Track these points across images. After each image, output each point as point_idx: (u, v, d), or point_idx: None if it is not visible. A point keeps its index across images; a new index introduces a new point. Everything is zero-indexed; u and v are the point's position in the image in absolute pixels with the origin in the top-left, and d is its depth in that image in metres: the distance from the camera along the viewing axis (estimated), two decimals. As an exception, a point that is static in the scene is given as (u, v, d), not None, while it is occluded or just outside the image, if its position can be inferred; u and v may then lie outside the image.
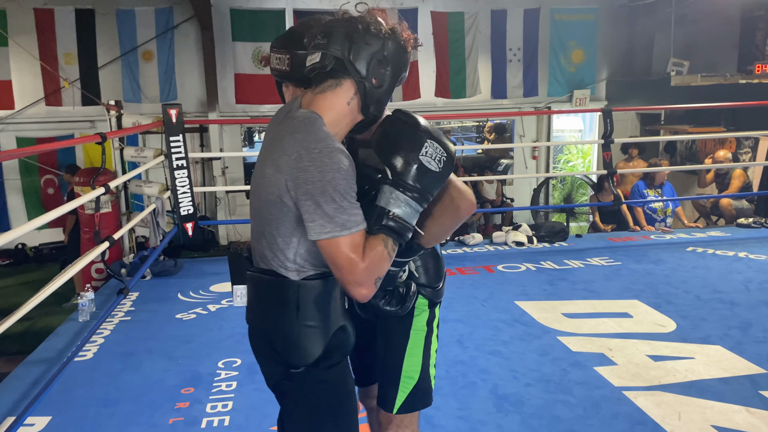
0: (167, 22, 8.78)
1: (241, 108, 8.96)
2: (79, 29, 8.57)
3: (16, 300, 6.46)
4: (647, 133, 9.71)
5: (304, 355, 1.49)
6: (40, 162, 8.70)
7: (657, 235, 6.00)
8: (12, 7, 8.35)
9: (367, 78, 1.43)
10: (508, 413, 2.71)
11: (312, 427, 1.56)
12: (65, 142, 6.43)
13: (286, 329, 1.49)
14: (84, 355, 3.45)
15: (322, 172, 1.32)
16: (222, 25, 8.85)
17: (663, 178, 6.36)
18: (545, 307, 4.07)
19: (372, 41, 1.43)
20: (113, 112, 5.44)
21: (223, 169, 9.12)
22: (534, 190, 9.91)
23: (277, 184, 1.38)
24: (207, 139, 9.09)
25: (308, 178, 1.33)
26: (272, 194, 1.40)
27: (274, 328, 1.51)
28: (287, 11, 8.94)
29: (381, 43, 1.45)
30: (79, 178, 5.63)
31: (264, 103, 8.87)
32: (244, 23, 8.87)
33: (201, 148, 9.04)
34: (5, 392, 3.01)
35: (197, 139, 9.04)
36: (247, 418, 2.72)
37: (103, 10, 8.61)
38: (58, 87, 8.58)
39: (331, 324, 1.51)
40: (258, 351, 1.60)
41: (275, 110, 1.65)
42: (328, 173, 1.32)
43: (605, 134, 5.94)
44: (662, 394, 2.85)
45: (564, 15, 9.83)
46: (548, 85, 9.98)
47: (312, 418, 1.55)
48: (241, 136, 9.56)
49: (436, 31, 9.43)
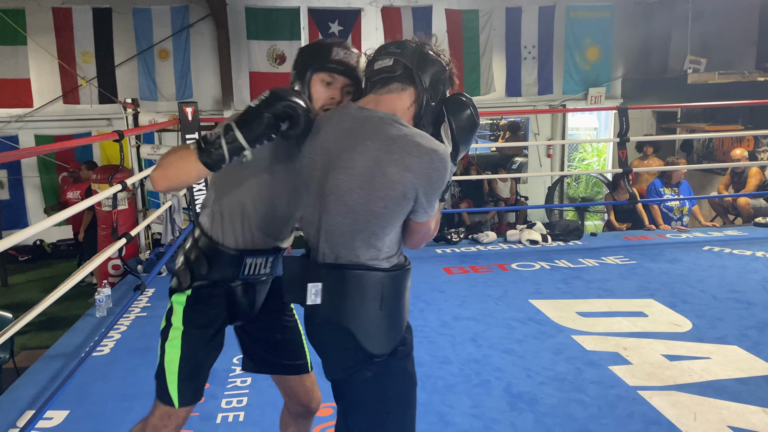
0: (183, 20, 8.84)
1: (255, 106, 8.97)
2: (96, 28, 8.66)
3: (35, 295, 6.57)
4: (663, 131, 9.63)
5: (386, 344, 1.58)
6: (58, 159, 8.80)
7: (673, 234, 5.96)
8: (31, 7, 8.46)
9: (427, 91, 1.57)
10: (522, 412, 2.70)
11: (382, 415, 1.62)
12: (83, 140, 6.51)
13: (371, 319, 1.55)
14: (101, 350, 3.49)
15: (448, 171, 1.52)
16: (237, 24, 8.90)
17: (680, 177, 6.30)
18: (559, 305, 4.05)
19: (436, 62, 1.59)
20: (130, 110, 5.50)
21: (240, 166, 9.16)
22: (548, 188, 9.86)
23: (403, 182, 1.47)
24: (222, 136, 9.13)
25: (439, 176, 1.50)
26: (395, 191, 1.48)
27: (358, 319, 1.55)
28: (302, 9, 8.97)
29: (442, 66, 1.60)
30: (96, 176, 5.70)
31: (278, 101, 8.87)
32: (258, 21, 8.91)
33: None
34: (25, 386, 3.06)
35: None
36: (261, 413, 2.74)
37: (120, 9, 8.70)
38: (76, 85, 8.68)
39: (405, 314, 1.63)
40: (327, 343, 1.63)
41: None
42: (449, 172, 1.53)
43: (621, 132, 5.89)
44: (678, 394, 2.83)
45: (579, 12, 9.77)
46: (563, 83, 9.93)
47: (382, 405, 1.61)
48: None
49: (450, 29, 9.41)
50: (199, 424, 2.66)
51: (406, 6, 9.26)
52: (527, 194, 9.95)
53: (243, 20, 8.91)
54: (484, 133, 15.33)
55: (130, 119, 5.53)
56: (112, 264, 5.38)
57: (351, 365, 1.59)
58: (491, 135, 14.48)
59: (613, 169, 8.82)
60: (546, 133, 10.28)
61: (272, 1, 8.98)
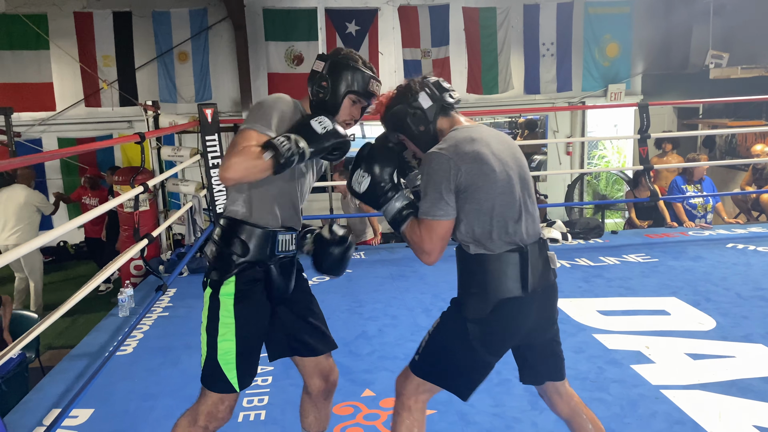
0: (202, 23, 8.93)
1: (274, 107, 9.03)
2: (116, 32, 8.79)
3: (59, 296, 6.68)
4: (685, 127, 9.51)
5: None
6: (81, 162, 8.93)
7: (695, 232, 5.88)
8: (53, 12, 8.61)
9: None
10: (543, 411, 2.69)
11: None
12: (105, 142, 6.62)
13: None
14: (124, 349, 3.54)
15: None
16: (255, 25, 8.96)
17: (702, 174, 6.21)
18: (580, 304, 4.02)
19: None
20: (150, 112, 5.55)
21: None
22: (568, 186, 9.78)
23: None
24: (241, 138, 9.20)
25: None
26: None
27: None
28: (319, 10, 9.01)
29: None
30: (118, 177, 5.77)
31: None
32: (276, 23, 8.96)
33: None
34: (51, 385, 3.11)
35: (231, 138, 9.15)
36: (282, 412, 2.76)
37: (139, 13, 8.81)
38: (97, 88, 8.81)
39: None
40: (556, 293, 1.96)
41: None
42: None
43: (641, 129, 5.83)
44: (702, 393, 2.79)
45: (598, 8, 9.68)
46: (582, 80, 9.86)
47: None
48: (273, 135, 9.64)
49: (467, 27, 9.39)
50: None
51: (423, 5, 9.25)
52: (546, 192, 9.88)
53: (261, 22, 8.97)
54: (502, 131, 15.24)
55: (151, 121, 5.58)
56: (134, 264, 5.44)
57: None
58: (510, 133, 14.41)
59: (633, 167, 8.73)
60: (565, 130, 10.21)
61: (290, 2, 9.03)
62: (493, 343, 1.87)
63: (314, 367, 2.15)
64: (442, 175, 1.79)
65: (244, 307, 1.91)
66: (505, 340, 1.89)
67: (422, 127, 1.94)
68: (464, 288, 1.90)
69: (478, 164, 1.80)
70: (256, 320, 1.96)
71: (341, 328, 3.70)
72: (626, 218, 7.21)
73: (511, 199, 1.84)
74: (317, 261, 2.12)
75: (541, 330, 1.95)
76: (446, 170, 1.78)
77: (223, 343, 1.90)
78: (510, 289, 1.82)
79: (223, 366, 1.90)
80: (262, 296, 1.96)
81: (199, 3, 8.91)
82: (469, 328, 1.84)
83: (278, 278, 2.00)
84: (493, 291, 1.82)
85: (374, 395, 2.89)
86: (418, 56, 9.26)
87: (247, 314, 1.92)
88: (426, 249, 1.81)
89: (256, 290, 1.94)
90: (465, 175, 1.78)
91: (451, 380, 1.91)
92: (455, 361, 1.89)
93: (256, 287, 1.94)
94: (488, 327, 1.84)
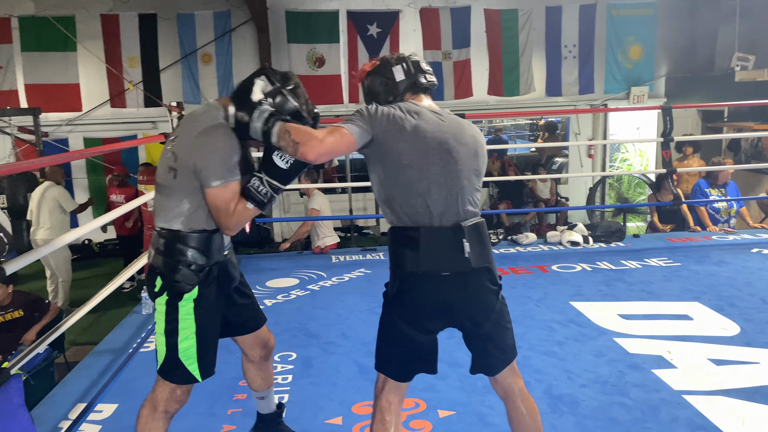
0: (225, 25, 9.03)
1: (295, 109, 9.10)
2: (142, 33, 8.93)
3: (84, 293, 6.78)
4: (709, 130, 9.39)
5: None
6: (106, 161, 9.07)
7: (719, 236, 5.80)
8: (80, 14, 8.77)
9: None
10: (562, 414, 2.68)
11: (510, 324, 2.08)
12: (131, 142, 6.71)
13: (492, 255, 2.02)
14: (147, 346, 3.59)
15: None
16: (278, 28, 9.04)
17: (726, 177, 6.12)
18: (601, 307, 3.99)
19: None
20: (175, 113, 5.62)
21: (278, 168, 9.30)
22: (590, 189, 9.71)
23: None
24: (262, 138, 9.29)
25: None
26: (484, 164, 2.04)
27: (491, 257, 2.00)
28: (341, 12, 9.06)
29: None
30: (142, 177, 5.85)
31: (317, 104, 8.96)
32: (299, 25, 9.03)
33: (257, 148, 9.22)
34: (76, 380, 3.17)
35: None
36: (302, 410, 2.78)
37: (164, 15, 8.93)
38: (123, 89, 8.95)
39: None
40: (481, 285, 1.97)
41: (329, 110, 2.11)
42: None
43: (665, 132, 5.77)
44: (725, 399, 2.76)
45: (621, 10, 9.60)
46: (604, 82, 9.78)
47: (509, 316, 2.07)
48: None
49: (489, 29, 9.37)
50: (242, 420, 2.72)
51: (444, 7, 9.25)
52: (568, 195, 9.83)
53: (283, 24, 9.04)
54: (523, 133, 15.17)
55: (175, 122, 5.65)
56: (157, 263, 5.51)
57: (496, 299, 2.00)
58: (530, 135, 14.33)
59: (656, 170, 8.63)
60: (587, 133, 10.14)
61: (312, 4, 9.09)
62: (406, 313, 1.94)
63: (254, 339, 2.32)
64: (364, 118, 1.91)
65: (203, 308, 2.03)
66: (417, 312, 1.94)
67: (390, 98, 2.06)
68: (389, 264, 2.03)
69: (399, 130, 1.90)
70: (213, 317, 2.09)
71: (360, 328, 3.72)
72: (648, 222, 7.14)
73: (420, 175, 1.90)
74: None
75: (471, 321, 1.98)
76: (368, 116, 1.91)
77: (184, 343, 2.02)
78: (408, 265, 1.91)
79: (184, 361, 2.03)
80: (215, 293, 2.08)
81: (223, 5, 9.01)
82: (386, 301, 2.01)
83: (230, 271, 2.16)
84: (397, 266, 1.95)
85: (393, 395, 2.90)
86: (439, 58, 9.27)
87: (205, 314, 2.04)
88: (318, 136, 1.85)
89: (212, 289, 2.06)
90: (381, 130, 1.89)
91: (388, 360, 2.00)
92: (389, 342, 1.99)
93: (212, 287, 2.06)
94: (397, 298, 1.95)
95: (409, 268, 1.91)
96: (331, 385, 3.02)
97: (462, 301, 1.95)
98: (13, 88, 8.86)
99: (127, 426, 2.73)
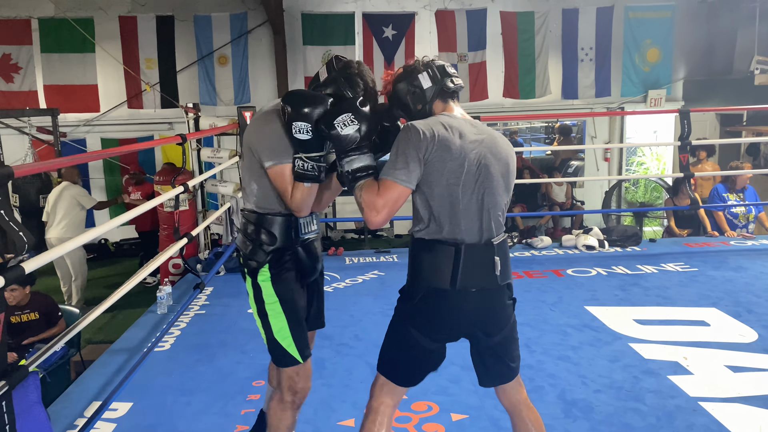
0: (241, 27, 9.07)
1: (309, 110, 9.12)
2: (159, 35, 8.99)
3: (100, 292, 6.86)
4: (727, 134, 9.28)
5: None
6: (123, 162, 9.16)
7: (737, 241, 5.73)
8: (99, 16, 8.86)
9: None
10: (576, 419, 2.66)
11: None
12: (148, 143, 6.76)
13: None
14: (162, 345, 3.62)
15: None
16: (293, 30, 9.07)
17: (745, 182, 6.05)
18: (616, 312, 3.96)
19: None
20: (191, 114, 5.67)
21: (292, 169, 9.33)
22: (606, 192, 9.64)
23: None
24: (277, 140, 9.32)
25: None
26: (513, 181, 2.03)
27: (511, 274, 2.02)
28: (356, 15, 9.07)
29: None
30: (159, 177, 5.89)
31: (332, 105, 9.02)
32: (314, 27, 9.06)
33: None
34: (91, 378, 3.20)
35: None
36: (315, 412, 2.79)
37: (181, 17, 9.00)
38: (140, 90, 9.03)
39: None
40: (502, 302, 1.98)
41: None
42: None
43: (682, 136, 5.71)
44: (742, 406, 2.73)
45: (639, 13, 9.53)
46: (621, 85, 9.70)
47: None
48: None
49: (505, 31, 9.34)
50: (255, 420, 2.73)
51: (460, 9, 9.24)
52: (583, 198, 9.76)
53: (299, 26, 9.07)
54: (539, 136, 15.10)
55: (191, 123, 5.70)
56: (173, 263, 5.56)
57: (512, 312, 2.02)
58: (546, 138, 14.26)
59: (673, 174, 8.55)
60: (603, 136, 10.06)
61: (328, 6, 9.12)
62: (423, 324, 1.92)
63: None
64: (414, 146, 1.84)
65: (282, 287, 2.10)
66: (436, 325, 1.92)
67: (419, 106, 2.01)
68: (408, 272, 1.99)
69: (441, 150, 1.85)
70: (298, 298, 2.14)
71: (373, 330, 3.72)
72: (665, 226, 7.07)
73: (458, 193, 1.87)
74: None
75: (485, 332, 1.97)
76: (418, 142, 1.84)
77: (275, 321, 2.09)
78: (438, 280, 1.88)
79: (281, 342, 2.09)
80: (296, 277, 2.14)
81: (240, 7, 9.06)
82: (402, 308, 1.97)
83: (306, 259, 2.17)
84: (423, 278, 1.90)
85: (406, 398, 2.89)
86: (455, 60, 9.24)
87: (285, 291, 2.10)
88: (378, 206, 1.83)
89: (288, 272, 2.11)
90: (431, 154, 1.84)
91: (394, 365, 1.99)
92: (398, 347, 1.98)
93: (287, 270, 2.11)
94: (417, 309, 1.92)
95: (438, 284, 1.88)
96: (343, 387, 3.02)
97: (483, 317, 1.95)
98: (33, 88, 8.96)
99: (141, 424, 2.75)
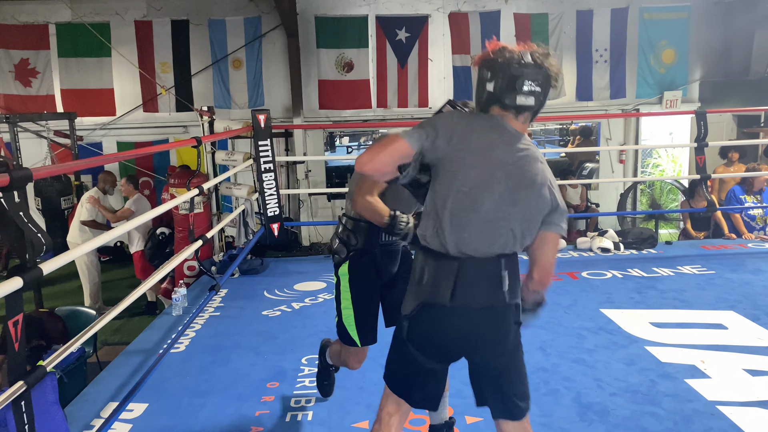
0: (255, 30, 9.13)
1: (324, 113, 9.18)
2: (174, 39, 9.08)
3: (117, 294, 6.91)
4: (745, 135, 9.18)
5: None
6: (138, 165, 9.24)
7: (755, 244, 5.67)
8: (115, 20, 8.96)
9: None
10: (592, 422, 2.64)
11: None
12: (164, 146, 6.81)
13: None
14: (177, 347, 3.64)
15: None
16: (307, 33, 9.10)
17: (762, 184, 5.98)
18: (632, 315, 3.93)
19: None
20: (206, 117, 5.70)
21: (306, 172, 9.37)
22: (621, 194, 9.56)
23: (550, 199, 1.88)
24: (291, 143, 9.37)
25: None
26: (546, 205, 1.87)
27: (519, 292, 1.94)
28: (370, 17, 9.09)
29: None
30: (174, 180, 5.93)
31: (345, 108, 9.08)
32: (328, 30, 9.08)
33: (286, 153, 9.33)
34: (108, 379, 3.23)
35: (282, 144, 9.34)
36: (329, 413, 2.79)
37: (196, 21, 9.08)
38: (155, 94, 9.10)
39: None
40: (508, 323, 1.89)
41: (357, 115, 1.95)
42: None
43: (698, 137, 5.66)
44: (761, 410, 2.69)
45: (654, 14, 9.45)
46: (636, 87, 9.63)
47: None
48: (323, 141, 9.79)
49: (518, 33, 9.30)
50: (270, 421, 2.74)
51: (473, 11, 9.22)
52: (598, 201, 9.68)
53: (313, 29, 9.11)
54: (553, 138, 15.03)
55: (206, 126, 5.73)
56: (188, 265, 5.59)
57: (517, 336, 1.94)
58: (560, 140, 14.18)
59: (689, 176, 8.47)
60: (618, 138, 9.99)
61: (341, 10, 9.14)
62: (420, 341, 1.86)
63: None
64: (441, 124, 1.79)
65: (357, 284, 2.45)
66: (432, 342, 1.86)
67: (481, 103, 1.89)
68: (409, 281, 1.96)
69: (462, 150, 1.77)
70: (369, 295, 2.48)
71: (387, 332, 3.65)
72: (681, 229, 7.00)
73: (469, 203, 1.77)
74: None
75: (484, 353, 1.88)
76: (446, 125, 1.79)
77: (345, 310, 2.48)
78: (436, 294, 1.81)
79: (347, 327, 2.49)
80: (372, 275, 2.47)
81: (254, 11, 9.12)
82: (401, 322, 1.92)
83: (382, 262, 2.48)
84: (422, 291, 1.84)
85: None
86: (468, 62, 9.22)
87: (358, 289, 2.46)
88: (372, 150, 1.79)
89: (366, 271, 2.45)
90: (451, 146, 1.76)
91: (397, 380, 1.95)
92: (397, 359, 1.95)
93: (365, 268, 2.45)
94: (414, 324, 1.87)
95: (435, 299, 1.81)
96: (357, 389, 3.02)
97: (486, 338, 1.86)
98: (50, 92, 9.08)
99: (157, 425, 2.77)
